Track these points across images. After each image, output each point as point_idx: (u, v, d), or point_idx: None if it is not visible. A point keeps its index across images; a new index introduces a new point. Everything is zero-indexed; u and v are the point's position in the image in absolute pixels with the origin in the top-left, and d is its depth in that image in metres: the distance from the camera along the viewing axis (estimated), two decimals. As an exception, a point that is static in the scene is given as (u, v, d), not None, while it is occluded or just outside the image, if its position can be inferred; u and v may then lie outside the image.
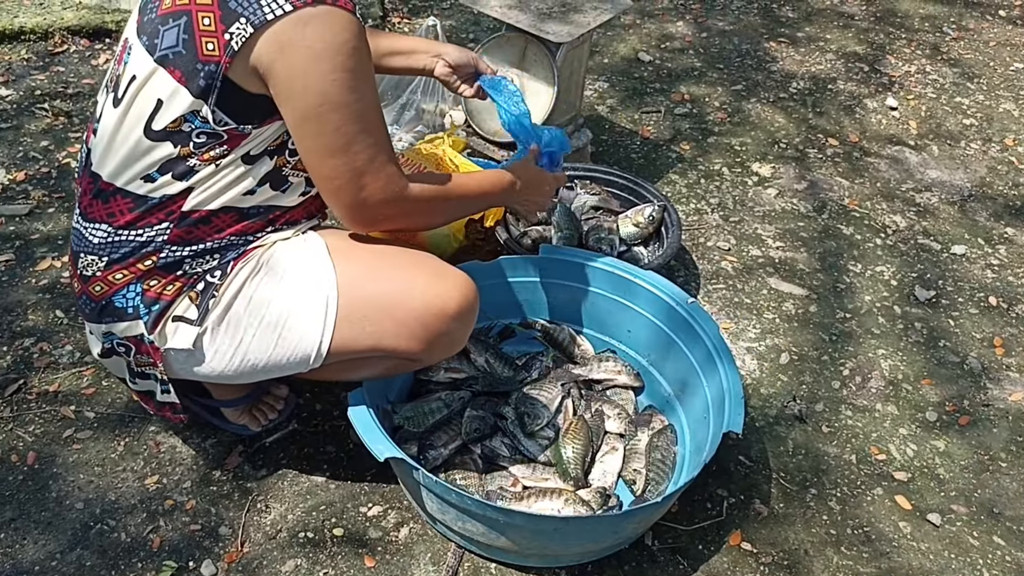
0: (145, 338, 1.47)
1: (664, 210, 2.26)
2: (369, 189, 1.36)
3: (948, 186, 2.77)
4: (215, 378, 1.53)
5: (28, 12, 3.01)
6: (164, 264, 1.45)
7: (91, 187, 1.45)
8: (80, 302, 1.53)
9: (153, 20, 1.33)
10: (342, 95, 1.27)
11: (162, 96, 1.32)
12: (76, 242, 1.49)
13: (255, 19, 1.23)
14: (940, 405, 2.03)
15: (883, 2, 3.87)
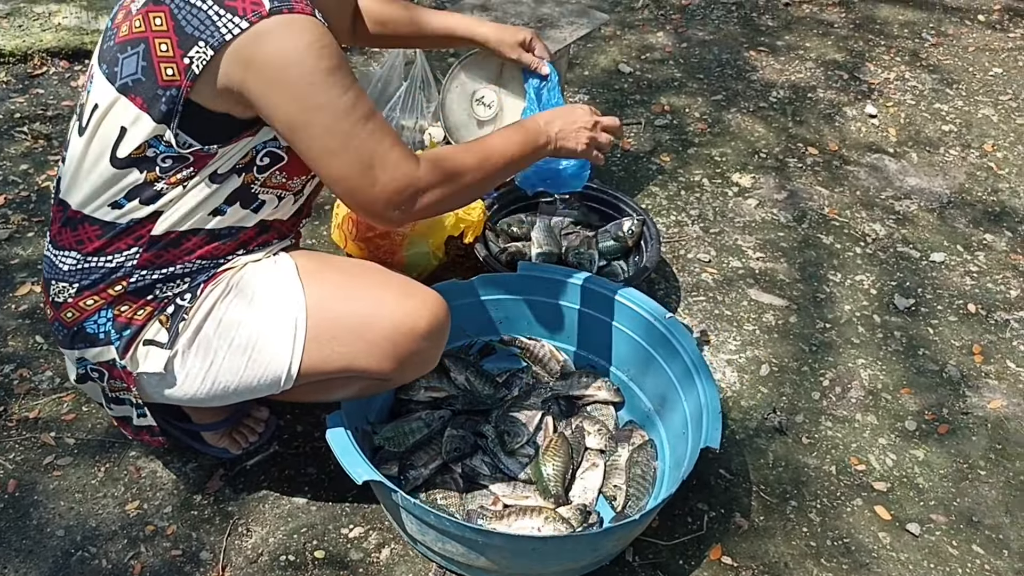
0: (117, 363, 1.48)
1: (643, 224, 2.27)
2: (382, 180, 1.31)
3: (927, 193, 2.79)
4: (188, 401, 1.54)
5: (7, 35, 3.02)
6: (135, 289, 1.45)
7: (60, 215, 1.45)
8: (54, 328, 1.54)
9: (112, 48, 1.35)
10: (321, 96, 1.26)
11: (125, 123, 1.33)
12: (47, 269, 1.50)
13: (214, 41, 1.24)
14: (919, 414, 2.04)
15: (862, 9, 3.90)
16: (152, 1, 1.29)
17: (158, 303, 1.47)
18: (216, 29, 1.23)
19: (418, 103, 2.68)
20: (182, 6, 1.26)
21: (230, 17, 1.23)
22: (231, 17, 1.23)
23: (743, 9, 3.85)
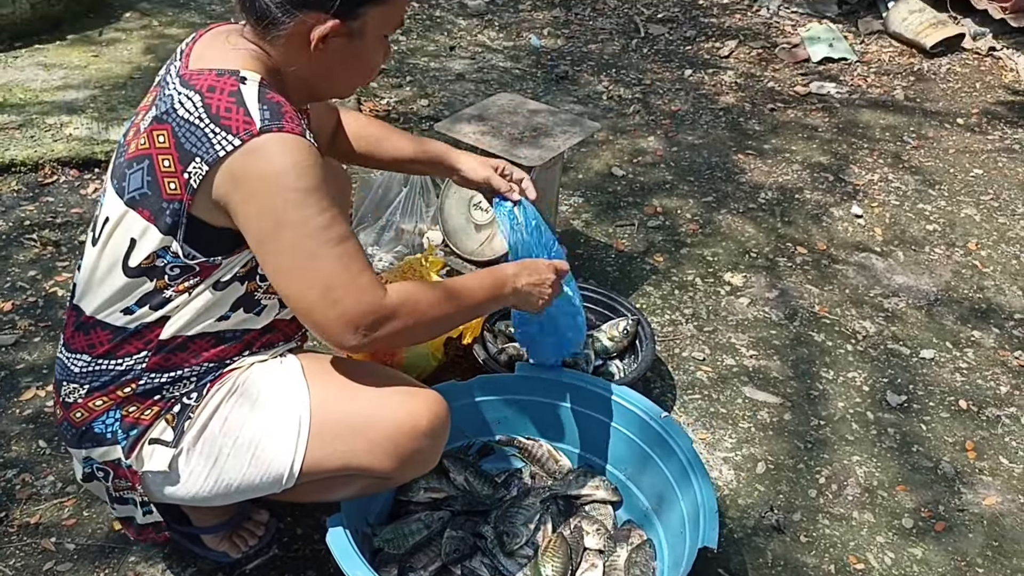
0: (122, 462, 1.51)
1: (638, 323, 2.32)
2: (343, 303, 1.32)
3: (915, 291, 2.85)
4: (191, 500, 1.55)
5: (19, 145, 3.12)
6: (143, 391, 1.49)
7: (74, 319, 1.51)
8: (62, 428, 1.57)
9: (121, 164, 1.42)
10: (294, 213, 1.29)
11: (134, 235, 1.39)
12: (59, 371, 1.54)
13: (208, 157, 1.30)
14: (916, 511, 2.05)
15: (844, 114, 4.05)
16: (156, 120, 1.36)
17: (165, 403, 1.51)
18: (211, 146, 1.30)
19: (418, 208, 2.77)
20: (182, 124, 1.32)
21: (224, 135, 1.29)
22: (225, 135, 1.29)
23: (730, 114, 3.99)
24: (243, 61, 1.38)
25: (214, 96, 1.31)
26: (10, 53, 3.86)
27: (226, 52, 1.40)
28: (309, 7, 1.34)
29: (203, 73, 1.35)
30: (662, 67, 4.46)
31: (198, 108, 1.31)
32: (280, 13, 1.35)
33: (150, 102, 1.43)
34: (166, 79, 1.43)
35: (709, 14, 5.16)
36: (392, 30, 1.48)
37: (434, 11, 4.86)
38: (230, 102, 1.31)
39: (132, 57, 3.96)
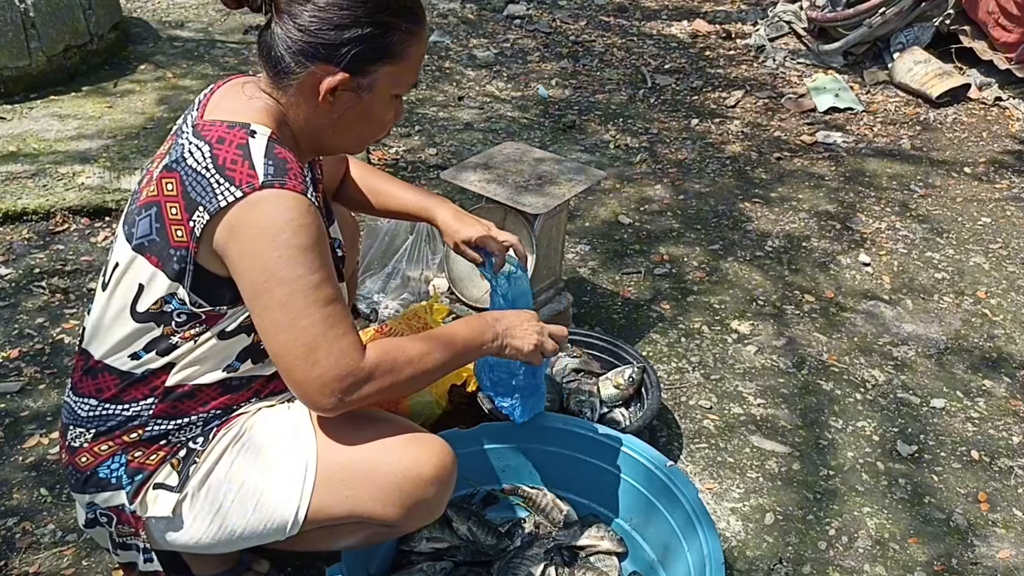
0: (126, 508, 1.50)
1: (643, 371, 2.30)
2: (322, 365, 1.33)
3: (924, 339, 2.83)
4: (194, 547, 1.54)
5: (31, 193, 3.15)
6: (149, 436, 1.50)
7: (82, 364, 1.52)
8: (67, 473, 1.57)
9: (132, 211, 1.45)
10: (286, 270, 1.31)
11: (142, 281, 1.41)
12: (66, 415, 1.55)
13: (211, 207, 1.32)
14: (928, 565, 2.01)
15: (851, 163, 4.06)
16: (166, 168, 1.38)
17: (171, 447, 1.51)
18: (214, 196, 1.32)
19: (424, 255, 2.78)
20: (190, 173, 1.34)
21: (227, 186, 1.31)
22: (228, 186, 1.31)
23: (737, 163, 4.01)
24: (255, 114, 1.40)
25: (222, 148, 1.34)
26: (26, 104, 3.92)
27: (240, 103, 1.42)
28: (320, 59, 1.36)
29: (215, 124, 1.37)
30: (669, 117, 4.50)
31: (206, 158, 1.34)
32: (292, 62, 1.38)
33: (165, 150, 1.46)
34: (182, 128, 1.45)
35: (715, 65, 5.21)
36: (404, 90, 1.48)
37: (443, 62, 4.93)
38: (237, 154, 1.33)
39: (145, 108, 4.01)
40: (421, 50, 1.46)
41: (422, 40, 1.45)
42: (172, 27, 5.03)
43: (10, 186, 3.20)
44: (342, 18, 1.34)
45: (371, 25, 1.35)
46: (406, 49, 1.41)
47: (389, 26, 1.37)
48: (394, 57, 1.40)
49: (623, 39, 5.53)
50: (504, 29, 5.52)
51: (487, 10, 5.79)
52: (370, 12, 1.35)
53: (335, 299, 1.36)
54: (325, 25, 1.34)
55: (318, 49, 1.35)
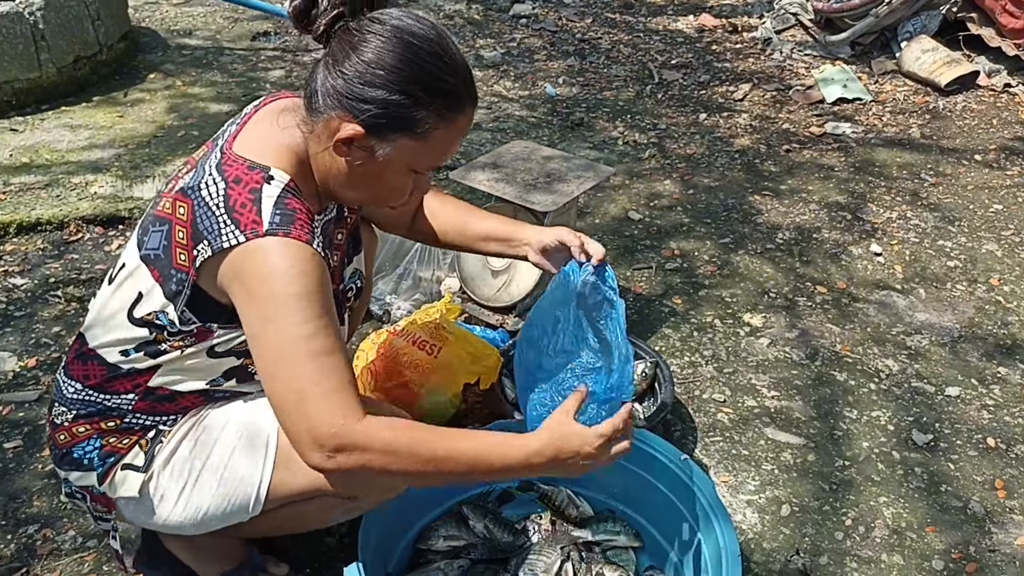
0: (95, 489, 1.55)
1: (656, 366, 2.31)
2: (313, 419, 1.27)
3: (938, 328, 2.82)
4: (164, 527, 1.58)
5: (45, 204, 3.18)
6: (126, 427, 1.55)
7: (77, 347, 1.56)
8: (49, 445, 1.63)
9: (149, 217, 1.46)
10: (280, 317, 1.29)
11: (142, 290, 1.43)
12: (55, 391, 1.59)
13: (214, 245, 1.32)
14: (946, 553, 2.01)
15: (860, 153, 4.05)
16: (183, 191, 1.39)
17: (143, 432, 1.56)
18: (219, 235, 1.32)
19: (435, 255, 2.79)
20: (202, 205, 1.35)
21: (233, 228, 1.31)
22: (233, 228, 1.31)
23: (746, 156, 4.01)
24: (279, 153, 1.39)
25: (236, 189, 1.34)
26: (37, 115, 3.95)
27: (271, 134, 1.42)
28: (343, 107, 1.33)
29: (237, 161, 1.37)
30: (677, 112, 4.50)
31: (219, 195, 1.34)
32: (322, 100, 1.35)
33: (198, 158, 1.47)
34: (216, 141, 1.47)
35: (722, 59, 5.21)
36: (423, 170, 1.43)
37: (450, 64, 4.94)
38: (248, 199, 1.33)
39: (156, 117, 4.04)
40: (451, 137, 1.39)
41: (456, 128, 1.38)
42: (180, 35, 5.06)
43: (24, 197, 3.24)
44: (375, 77, 1.31)
45: (400, 94, 1.31)
46: (432, 131, 1.35)
47: (419, 101, 1.32)
48: (416, 134, 1.35)
49: (629, 36, 5.53)
50: (510, 29, 5.53)
51: (493, 10, 5.80)
52: (403, 81, 1.31)
53: (331, 352, 1.30)
54: (358, 78, 1.31)
55: (345, 97, 1.33)
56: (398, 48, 1.31)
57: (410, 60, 1.31)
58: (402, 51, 1.31)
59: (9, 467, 2.14)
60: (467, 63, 1.40)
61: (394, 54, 1.31)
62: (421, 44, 1.32)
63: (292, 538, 1.94)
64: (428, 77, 1.33)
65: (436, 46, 1.34)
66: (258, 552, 1.84)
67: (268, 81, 4.51)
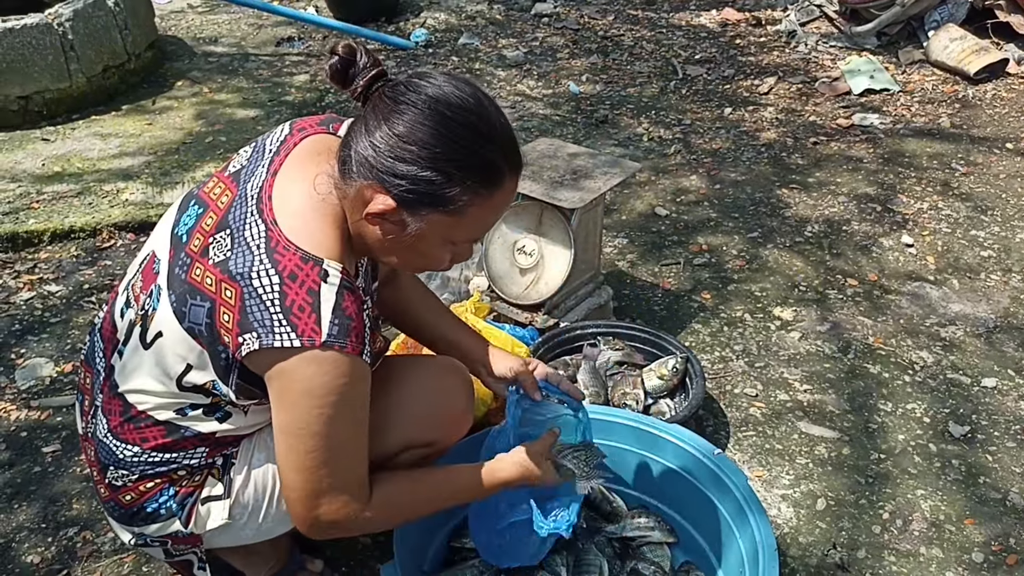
0: (181, 533, 1.53)
1: (687, 361, 2.30)
2: (322, 510, 1.35)
3: (972, 319, 2.79)
4: (254, 536, 1.59)
5: (77, 212, 3.23)
6: (198, 467, 1.52)
7: (120, 408, 1.48)
8: (107, 505, 1.57)
9: (183, 282, 1.37)
10: (321, 426, 1.30)
11: (191, 361, 1.39)
12: (104, 455, 1.51)
13: (265, 340, 1.27)
14: (986, 545, 1.98)
15: (889, 144, 4.00)
16: (229, 275, 1.31)
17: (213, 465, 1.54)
18: (272, 333, 1.27)
19: (462, 255, 2.79)
20: (254, 297, 1.28)
21: (289, 331, 1.26)
22: (290, 332, 1.26)
23: (772, 150, 3.98)
24: (327, 238, 1.33)
25: (293, 287, 1.27)
26: (68, 125, 4.01)
27: (312, 210, 1.34)
28: (374, 178, 1.29)
29: (289, 250, 1.30)
30: (701, 107, 4.47)
31: (273, 292, 1.28)
32: (355, 168, 1.31)
33: (224, 205, 1.40)
34: (242, 183, 1.41)
35: (746, 53, 5.17)
36: (464, 242, 1.40)
37: (473, 64, 4.95)
38: (306, 301, 1.27)
39: (184, 124, 4.08)
40: (487, 214, 1.36)
41: (493, 205, 1.35)
42: (206, 43, 5.11)
43: (57, 205, 3.28)
44: (407, 152, 1.26)
45: (432, 170, 1.26)
46: (466, 207, 1.30)
47: (451, 178, 1.27)
48: (450, 210, 1.30)
49: (652, 32, 5.51)
50: (532, 28, 5.53)
51: (515, 10, 5.80)
52: (435, 158, 1.26)
53: (357, 461, 1.38)
54: (390, 152, 1.26)
55: (376, 169, 1.28)
56: (430, 121, 1.26)
57: (443, 136, 1.26)
58: (435, 125, 1.26)
59: (48, 471, 2.17)
60: (510, 132, 1.34)
61: (426, 128, 1.26)
62: (456, 116, 1.27)
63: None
64: (462, 153, 1.28)
65: (473, 116, 1.29)
66: (299, 551, 1.86)
67: (293, 86, 4.54)
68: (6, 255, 3.03)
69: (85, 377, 1.61)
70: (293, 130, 1.47)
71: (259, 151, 1.46)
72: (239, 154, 1.50)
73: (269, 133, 1.50)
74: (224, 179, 1.46)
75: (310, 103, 4.33)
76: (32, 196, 3.35)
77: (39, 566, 1.92)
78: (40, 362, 2.53)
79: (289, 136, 1.46)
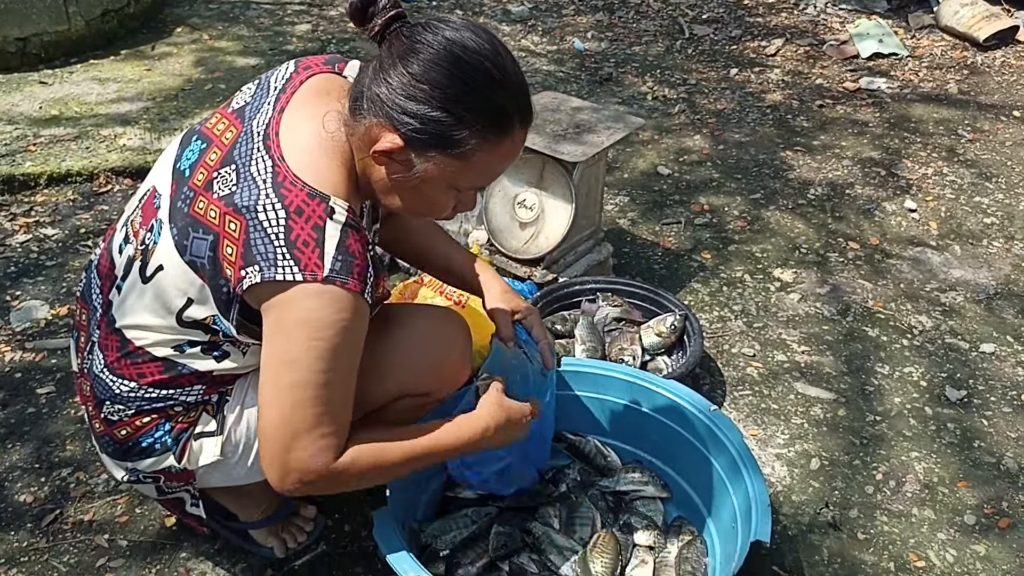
0: (174, 468, 1.52)
1: (685, 319, 2.29)
2: (295, 454, 1.30)
3: (973, 285, 2.77)
4: (247, 477, 1.58)
5: (74, 156, 3.20)
6: (193, 405, 1.52)
7: (117, 344, 1.47)
8: (102, 441, 1.56)
9: (185, 215, 1.36)
10: (311, 360, 1.28)
11: (191, 295, 1.37)
12: (100, 390, 1.50)
13: (267, 273, 1.26)
14: (978, 508, 1.99)
15: (896, 109, 3.96)
16: (235, 208, 1.29)
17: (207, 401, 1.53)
18: (275, 266, 1.26)
19: (462, 208, 2.76)
20: (259, 229, 1.27)
21: (291, 264, 1.25)
22: (293, 265, 1.25)
23: (777, 112, 3.94)
24: (334, 175, 1.32)
25: (299, 222, 1.26)
26: (66, 68, 3.96)
27: (320, 147, 1.33)
28: (384, 116, 1.28)
29: (296, 185, 1.28)
30: (707, 67, 4.42)
31: (279, 226, 1.26)
32: (366, 106, 1.30)
33: (229, 140, 1.38)
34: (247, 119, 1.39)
35: (754, 13, 5.10)
36: (468, 189, 1.39)
37: (478, 18, 4.88)
38: (311, 236, 1.26)
39: (183, 70, 4.03)
40: (494, 161, 1.35)
41: (501, 153, 1.33)
42: (206, -10, 5.04)
43: (54, 149, 3.25)
44: (419, 91, 1.25)
45: (442, 111, 1.25)
46: (474, 152, 1.29)
47: (461, 121, 1.26)
48: (457, 153, 1.29)
49: (659, -10, 5.43)
50: (538, -17, 5.45)
51: (520, -36, 5.72)
52: (447, 98, 1.25)
53: (342, 401, 1.34)
54: (402, 90, 1.25)
55: (387, 107, 1.27)
56: (445, 62, 1.24)
57: (457, 77, 1.25)
58: (449, 66, 1.25)
59: (42, 412, 2.16)
60: (524, 83, 1.32)
61: (440, 69, 1.24)
62: (471, 60, 1.26)
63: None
64: (474, 96, 1.27)
65: (488, 62, 1.27)
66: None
67: (294, 35, 4.48)
68: (2, 197, 3.00)
69: (81, 314, 1.60)
70: (299, 68, 1.46)
71: (263, 88, 1.44)
72: (242, 91, 1.48)
73: (273, 71, 1.49)
74: (228, 115, 1.44)
75: (311, 53, 4.27)
76: (29, 139, 3.31)
77: (31, 505, 1.92)
78: (35, 304, 2.52)
79: (295, 74, 1.44)
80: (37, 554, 1.82)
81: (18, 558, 1.81)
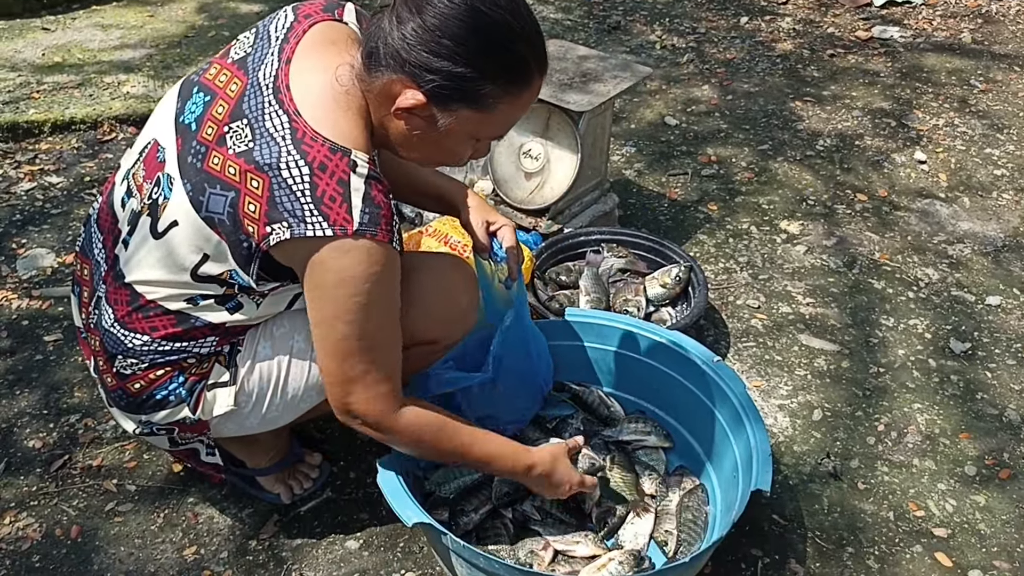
0: (189, 420, 1.53)
1: (690, 270, 2.28)
2: (354, 398, 1.40)
3: (981, 237, 2.76)
4: (260, 426, 1.60)
5: (78, 103, 3.18)
6: (206, 356, 1.52)
7: (127, 298, 1.46)
8: (113, 395, 1.55)
9: (199, 171, 1.34)
10: (354, 313, 1.32)
11: (207, 251, 1.37)
12: (111, 344, 1.49)
13: (296, 230, 1.27)
14: (979, 459, 2.00)
15: (908, 59, 3.90)
16: (256, 165, 1.28)
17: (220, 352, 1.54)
18: (303, 222, 1.26)
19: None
20: (284, 187, 1.27)
21: (320, 220, 1.26)
22: (322, 221, 1.26)
23: (787, 61, 3.88)
24: (353, 128, 1.32)
25: (323, 178, 1.26)
26: (68, 15, 3.92)
27: (335, 101, 1.32)
28: (406, 72, 1.27)
29: (317, 140, 1.27)
30: (717, 15, 4.35)
31: (304, 182, 1.26)
32: (383, 61, 1.29)
33: (235, 93, 1.36)
34: (251, 71, 1.36)
35: (766, -40, 5.00)
36: (485, 139, 1.41)
37: (484, -36, 4.80)
38: (337, 191, 1.26)
39: (186, 17, 3.99)
40: (515, 111, 1.36)
41: (521, 104, 1.35)
42: (209, -66, 4.96)
43: (58, 96, 3.23)
44: (440, 46, 1.24)
45: (466, 66, 1.25)
46: (497, 104, 1.30)
47: (485, 75, 1.27)
48: (480, 106, 1.30)
49: (670, -65, 5.33)
50: (546, -72, 5.35)
51: (528, -92, 5.61)
52: (470, 53, 1.25)
53: (390, 349, 1.41)
54: (422, 45, 1.24)
55: (408, 63, 1.26)
56: (465, 15, 1.23)
57: (478, 30, 1.24)
58: (470, 19, 1.23)
59: (50, 359, 2.18)
60: (540, 31, 1.32)
61: (460, 22, 1.23)
62: (491, 12, 1.24)
63: (328, 433, 1.98)
64: (497, 49, 1.27)
65: (508, 14, 1.26)
66: (299, 445, 1.88)
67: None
68: (6, 145, 2.99)
69: (83, 268, 1.59)
70: (298, 16, 1.43)
71: (263, 37, 1.42)
72: (240, 40, 1.46)
73: (270, 18, 1.46)
74: (228, 66, 1.41)
75: (315, -1, 4.22)
76: (32, 86, 3.29)
77: (40, 451, 1.95)
78: (41, 252, 2.52)
79: (296, 22, 1.42)
80: (47, 498, 1.85)
81: (28, 502, 1.84)
